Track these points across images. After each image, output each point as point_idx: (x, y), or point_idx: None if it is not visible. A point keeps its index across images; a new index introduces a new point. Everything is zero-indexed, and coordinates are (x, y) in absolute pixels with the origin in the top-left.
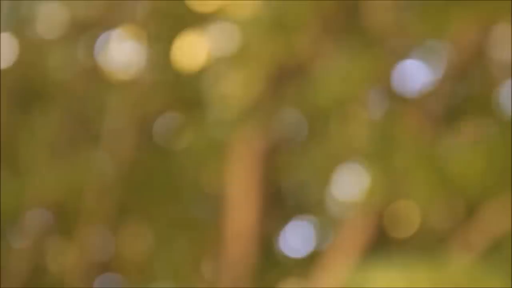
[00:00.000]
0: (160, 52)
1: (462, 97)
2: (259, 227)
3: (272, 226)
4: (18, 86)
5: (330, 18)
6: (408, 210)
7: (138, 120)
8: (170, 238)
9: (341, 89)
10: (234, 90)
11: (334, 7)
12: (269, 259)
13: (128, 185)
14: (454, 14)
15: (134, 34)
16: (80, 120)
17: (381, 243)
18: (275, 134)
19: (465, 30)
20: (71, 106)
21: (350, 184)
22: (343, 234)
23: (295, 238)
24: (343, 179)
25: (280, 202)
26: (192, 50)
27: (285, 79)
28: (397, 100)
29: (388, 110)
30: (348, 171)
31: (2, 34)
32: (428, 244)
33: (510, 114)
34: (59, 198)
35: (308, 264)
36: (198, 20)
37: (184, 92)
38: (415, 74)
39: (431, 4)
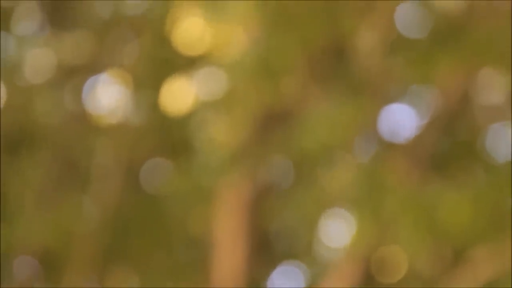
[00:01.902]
0: (147, 96)
1: (449, 143)
2: (247, 272)
3: (260, 271)
4: (5, 130)
5: (317, 63)
6: (396, 256)
7: (125, 164)
8: (157, 284)
9: (328, 134)
10: (221, 134)
11: (321, 51)
12: None
13: (114, 231)
14: (440, 60)
15: (121, 78)
16: (67, 165)
17: None
18: (262, 179)
19: (451, 76)
20: (58, 151)
21: (337, 229)
22: (331, 279)
23: (283, 283)
24: (331, 224)
25: (268, 247)
26: (179, 94)
27: (272, 124)
28: (384, 145)
29: (375, 155)
30: (335, 216)
31: None
32: None
33: (497, 159)
34: (46, 244)
35: None
36: (185, 64)
37: (171, 137)
38: (402, 119)
39: (418, 50)
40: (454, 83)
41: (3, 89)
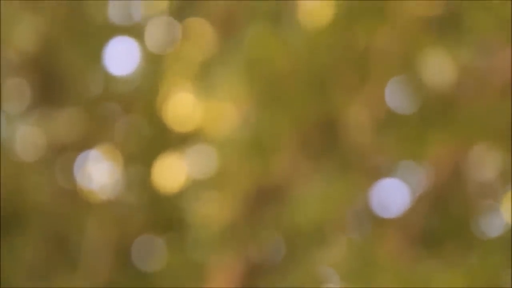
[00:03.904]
0: (138, 172)
1: (441, 219)
2: None
3: None
4: None
5: (308, 139)
6: None
7: (116, 241)
8: None
9: (320, 210)
10: (213, 211)
11: (312, 127)
12: None
13: None
14: (431, 136)
15: (112, 155)
16: (58, 241)
17: None
18: (254, 255)
19: (442, 152)
20: (49, 227)
21: None
22: None
23: None
24: None
25: None
26: (170, 171)
27: (263, 200)
28: (376, 221)
29: (367, 231)
30: None
31: None
32: None
33: (489, 236)
34: None
35: None
36: (176, 141)
37: (162, 214)
38: (394, 195)
39: (409, 126)
40: (445, 159)
41: None
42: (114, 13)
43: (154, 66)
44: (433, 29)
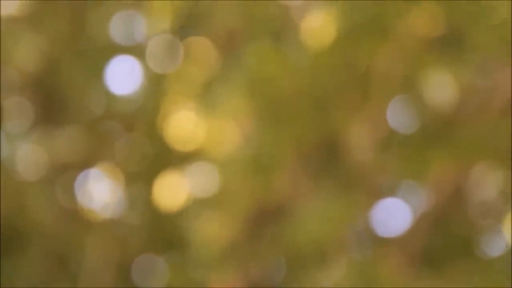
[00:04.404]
0: (140, 191)
1: (442, 238)
2: None
3: None
4: None
5: (309, 158)
6: None
7: (117, 259)
8: None
9: (321, 229)
10: (213, 230)
11: (313, 146)
12: None
13: None
14: (432, 155)
15: (113, 174)
16: (59, 260)
17: None
18: (255, 275)
19: (444, 171)
20: (50, 246)
21: None
22: None
23: None
24: None
25: None
26: (171, 189)
27: (264, 219)
28: (377, 241)
29: (368, 251)
30: None
31: None
32: None
33: (491, 256)
34: None
35: None
36: (177, 159)
37: (163, 232)
38: (395, 215)
39: (410, 146)
40: (447, 178)
41: None
42: (115, 32)
43: (155, 85)
44: (434, 49)
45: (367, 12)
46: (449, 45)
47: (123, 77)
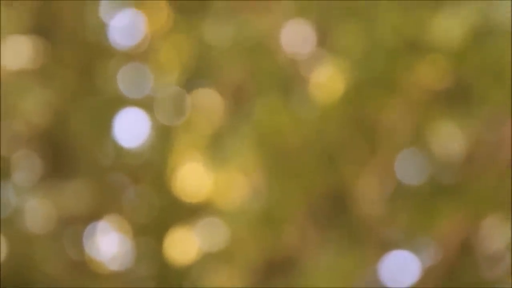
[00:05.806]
0: (148, 244)
1: None
2: None
3: None
4: (6, 281)
5: (318, 211)
6: None
7: None
8: None
9: (329, 282)
10: (223, 284)
11: (322, 199)
12: None
13: None
14: (440, 208)
15: (121, 226)
16: None
17: None
18: None
19: (452, 224)
20: None
21: None
22: None
23: None
24: None
25: None
26: (180, 243)
27: (273, 272)
28: None
29: None
30: None
31: None
32: None
33: None
34: None
35: None
36: (185, 212)
37: (172, 286)
38: (404, 267)
39: (418, 198)
40: (455, 231)
41: (3, 239)
42: (123, 84)
43: (163, 137)
44: (442, 102)
45: (375, 66)
46: (457, 98)
47: (131, 129)
